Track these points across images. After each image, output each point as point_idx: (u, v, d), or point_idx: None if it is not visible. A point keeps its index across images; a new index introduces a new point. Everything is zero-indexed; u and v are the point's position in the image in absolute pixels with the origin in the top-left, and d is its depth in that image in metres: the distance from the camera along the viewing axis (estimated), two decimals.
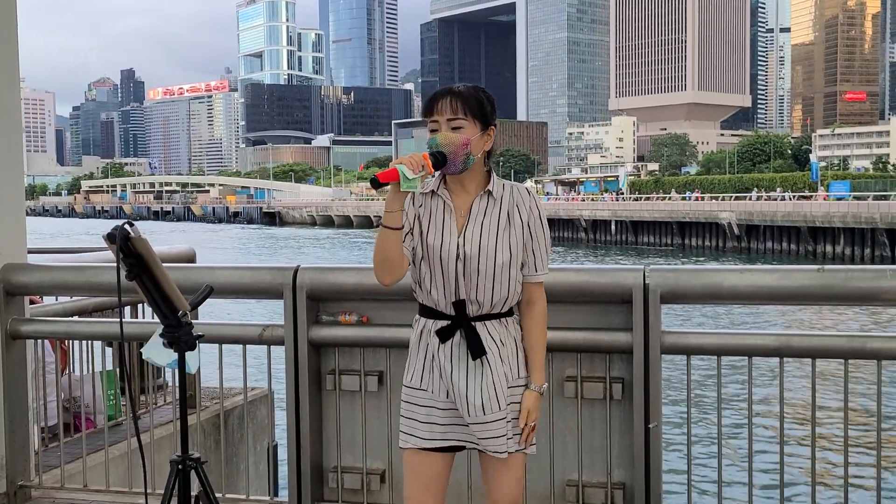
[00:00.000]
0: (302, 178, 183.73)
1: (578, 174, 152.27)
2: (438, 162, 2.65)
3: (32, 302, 4.71)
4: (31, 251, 4.75)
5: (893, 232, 43.08)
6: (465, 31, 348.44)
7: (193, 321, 2.83)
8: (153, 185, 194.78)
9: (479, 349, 2.70)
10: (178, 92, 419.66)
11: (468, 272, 2.70)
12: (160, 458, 4.07)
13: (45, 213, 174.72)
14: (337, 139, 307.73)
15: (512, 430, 2.76)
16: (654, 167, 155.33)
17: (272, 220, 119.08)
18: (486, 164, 2.80)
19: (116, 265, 2.64)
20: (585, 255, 55.29)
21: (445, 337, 2.73)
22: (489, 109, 2.74)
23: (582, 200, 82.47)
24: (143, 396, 5.51)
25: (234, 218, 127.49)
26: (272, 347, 4.00)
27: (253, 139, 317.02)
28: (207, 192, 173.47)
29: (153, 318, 3.87)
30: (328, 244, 69.71)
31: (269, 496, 4.39)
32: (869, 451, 11.08)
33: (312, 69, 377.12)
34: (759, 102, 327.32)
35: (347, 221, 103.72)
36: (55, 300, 4.96)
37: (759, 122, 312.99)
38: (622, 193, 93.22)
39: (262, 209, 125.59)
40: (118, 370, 5.35)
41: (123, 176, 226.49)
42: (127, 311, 5.57)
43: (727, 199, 66.90)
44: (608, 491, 3.60)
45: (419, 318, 2.83)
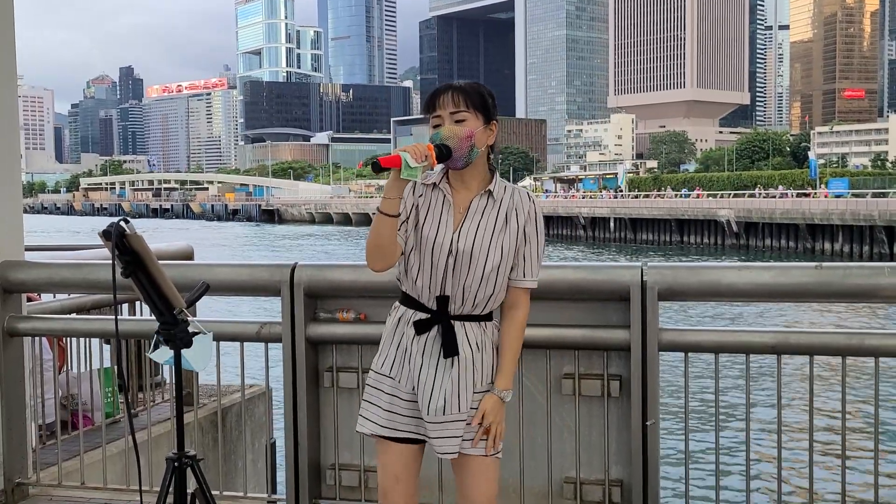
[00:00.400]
0: (301, 175, 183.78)
1: (577, 172, 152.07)
2: (443, 155, 2.63)
3: (30, 299, 4.70)
4: (28, 248, 4.74)
5: (892, 229, 43.11)
6: (463, 28, 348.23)
7: (191, 318, 2.83)
8: (152, 182, 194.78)
9: (452, 348, 2.67)
10: (176, 89, 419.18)
11: (457, 269, 2.68)
12: (158, 455, 4.06)
13: (43, 210, 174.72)
14: (336, 136, 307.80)
15: (472, 432, 2.71)
16: (652, 165, 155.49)
17: (271, 217, 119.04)
18: (488, 161, 2.78)
19: (112, 262, 2.64)
20: (584, 252, 55.28)
21: (422, 330, 2.71)
22: (491, 103, 2.74)
23: (582, 198, 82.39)
24: (140, 394, 5.51)
25: (233, 216, 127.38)
26: (270, 345, 4.00)
27: (252, 137, 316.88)
28: (206, 189, 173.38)
29: (151, 315, 3.87)
30: (335, 241, 69.72)
31: (267, 493, 4.38)
32: (866, 449, 11.09)
33: (311, 66, 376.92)
34: (757, 100, 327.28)
35: (346, 219, 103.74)
36: (53, 297, 4.96)
37: (757, 119, 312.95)
38: (621, 191, 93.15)
39: (260, 207, 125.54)
40: (116, 367, 5.34)
41: (122, 173, 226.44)
42: (125, 308, 5.57)
43: (726, 196, 66.86)
44: (606, 488, 3.60)
45: (398, 305, 2.81)
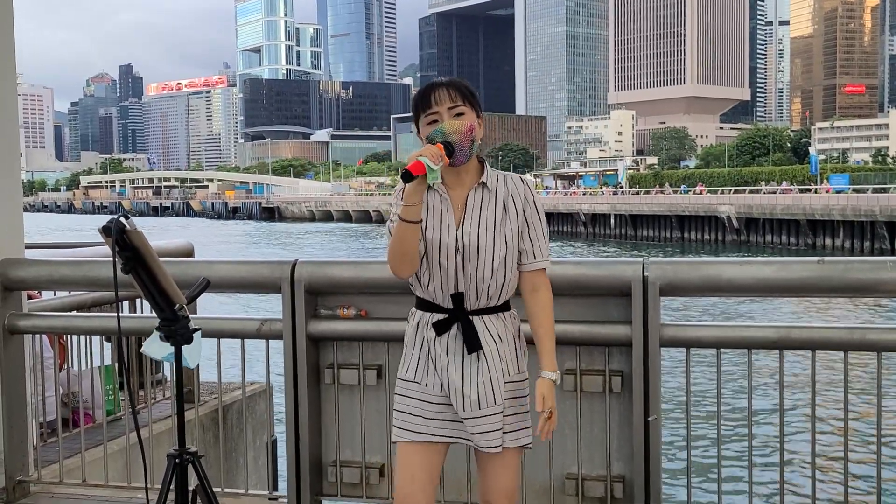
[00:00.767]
0: (301, 173, 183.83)
1: (577, 168, 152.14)
2: (449, 152, 2.62)
3: (30, 297, 4.70)
4: (28, 246, 4.74)
5: (893, 224, 43.10)
6: (463, 25, 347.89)
7: (191, 315, 2.82)
8: (152, 180, 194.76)
9: (475, 343, 2.68)
10: (176, 87, 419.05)
11: (467, 265, 2.69)
12: (159, 452, 4.05)
13: (44, 208, 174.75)
14: (335, 134, 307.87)
15: (508, 424, 2.74)
16: (653, 161, 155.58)
17: (271, 215, 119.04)
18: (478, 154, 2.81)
19: (112, 259, 2.63)
20: (584, 249, 55.26)
21: (442, 330, 2.72)
22: (476, 98, 2.78)
23: (583, 194, 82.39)
24: (141, 391, 5.50)
25: (233, 213, 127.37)
26: (271, 342, 4.00)
27: (251, 134, 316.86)
28: (206, 187, 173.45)
29: (151, 312, 3.86)
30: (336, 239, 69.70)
31: (268, 490, 4.38)
32: (869, 443, 11.09)
33: (311, 64, 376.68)
34: (758, 96, 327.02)
35: (346, 216, 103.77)
36: (53, 295, 4.95)
37: (758, 115, 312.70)
38: (621, 187, 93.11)
39: (261, 204, 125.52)
40: (117, 365, 5.34)
41: (122, 171, 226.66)
42: (126, 305, 5.56)
43: (726, 192, 66.85)
44: (608, 484, 3.59)
45: (415, 311, 2.82)
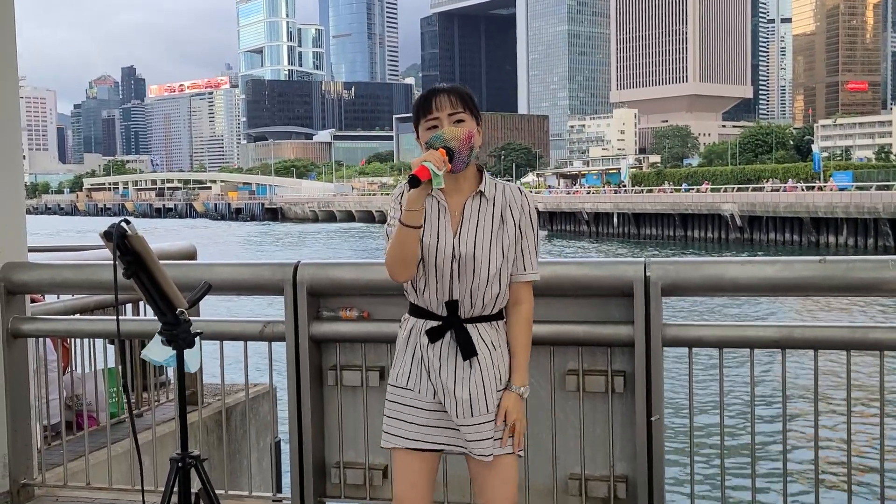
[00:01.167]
0: (303, 173, 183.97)
1: (580, 167, 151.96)
2: (450, 158, 2.61)
3: (34, 300, 4.70)
4: (31, 250, 4.74)
5: None
6: (465, 25, 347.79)
7: (193, 318, 2.82)
8: (155, 182, 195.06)
9: (469, 350, 2.68)
10: (178, 89, 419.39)
11: (462, 273, 2.68)
12: (163, 455, 4.06)
13: (47, 211, 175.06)
14: (338, 134, 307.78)
15: (500, 431, 2.73)
16: (655, 159, 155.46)
17: (274, 216, 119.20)
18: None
19: (113, 263, 2.64)
20: (587, 247, 55.22)
21: (435, 337, 2.71)
22: (477, 106, 2.78)
23: (586, 193, 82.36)
24: (145, 394, 5.51)
25: (236, 214, 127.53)
26: (273, 344, 4.00)
27: (254, 135, 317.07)
28: (209, 188, 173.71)
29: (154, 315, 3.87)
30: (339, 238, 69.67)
31: (272, 492, 4.38)
32: (873, 443, 11.06)
33: (313, 65, 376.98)
34: (760, 93, 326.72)
35: (349, 216, 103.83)
36: (57, 298, 4.96)
37: (760, 112, 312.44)
38: (624, 186, 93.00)
39: (264, 205, 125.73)
40: (120, 368, 5.34)
41: (125, 173, 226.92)
42: (129, 308, 5.57)
43: (729, 190, 66.79)
44: (611, 484, 3.59)
45: (408, 317, 2.81)
